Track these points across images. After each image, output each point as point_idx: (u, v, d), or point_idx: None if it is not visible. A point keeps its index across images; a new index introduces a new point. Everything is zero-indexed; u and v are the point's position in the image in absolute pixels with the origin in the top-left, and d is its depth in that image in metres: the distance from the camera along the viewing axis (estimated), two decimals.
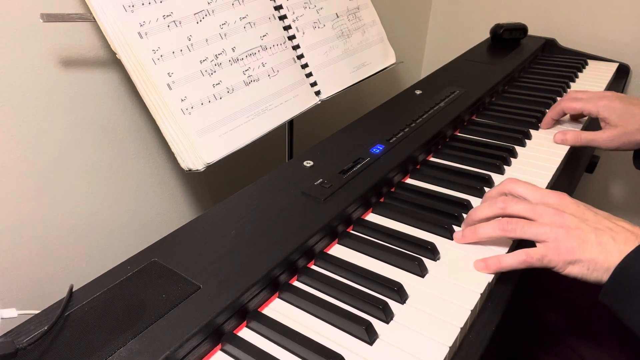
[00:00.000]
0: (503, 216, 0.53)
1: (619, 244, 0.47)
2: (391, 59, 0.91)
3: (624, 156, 1.25)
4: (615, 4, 1.15)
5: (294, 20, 0.75)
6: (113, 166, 0.72)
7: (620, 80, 1.11)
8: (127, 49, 0.57)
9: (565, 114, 0.81)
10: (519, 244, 0.55)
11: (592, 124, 0.87)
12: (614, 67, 1.11)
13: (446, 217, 0.59)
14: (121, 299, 0.44)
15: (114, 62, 0.68)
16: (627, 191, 1.30)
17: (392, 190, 0.65)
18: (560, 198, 0.53)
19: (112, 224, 0.75)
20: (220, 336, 0.44)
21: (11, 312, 0.41)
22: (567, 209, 0.51)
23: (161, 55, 0.59)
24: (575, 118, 0.84)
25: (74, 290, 0.45)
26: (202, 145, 0.61)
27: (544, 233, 0.50)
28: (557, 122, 0.82)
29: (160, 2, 0.60)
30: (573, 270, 0.49)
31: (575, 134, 0.76)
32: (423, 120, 0.76)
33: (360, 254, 0.54)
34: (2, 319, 0.40)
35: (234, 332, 0.45)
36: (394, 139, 0.70)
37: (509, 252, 0.53)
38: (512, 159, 0.73)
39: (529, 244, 0.52)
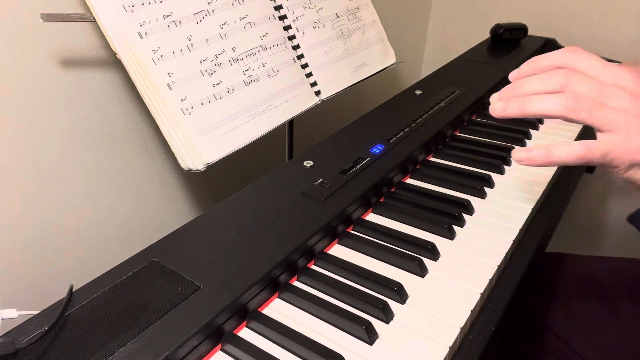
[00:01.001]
0: None
1: None
2: (391, 59, 0.91)
3: None
4: (615, 4, 1.15)
5: (294, 20, 0.75)
6: (113, 166, 0.72)
7: None
8: (127, 49, 0.57)
9: None
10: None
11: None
12: None
13: (446, 217, 0.59)
14: (121, 299, 0.44)
15: (114, 62, 0.68)
16: (627, 191, 1.30)
17: (392, 190, 0.65)
18: (639, 80, 0.42)
19: (112, 223, 0.75)
20: (220, 336, 0.44)
21: (11, 313, 0.41)
22: None
23: (161, 55, 0.59)
24: None
25: (74, 290, 0.45)
26: (202, 145, 0.61)
27: (615, 120, 0.40)
28: None
29: (160, 2, 0.60)
30: (636, 175, 0.41)
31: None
32: (423, 120, 0.76)
33: (360, 254, 0.54)
34: (2, 319, 0.40)
35: (234, 332, 0.45)
36: (394, 139, 0.70)
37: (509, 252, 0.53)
38: (512, 159, 0.73)
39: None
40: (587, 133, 0.85)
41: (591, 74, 0.42)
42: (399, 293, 0.48)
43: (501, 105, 0.43)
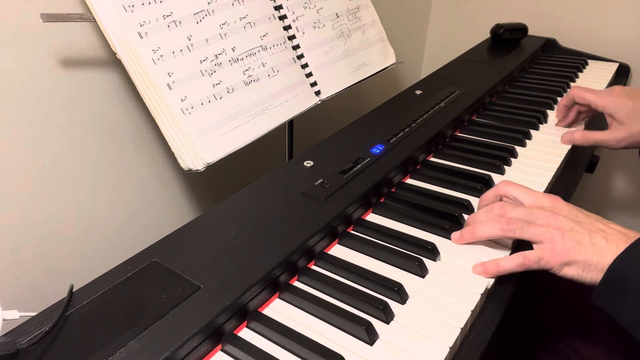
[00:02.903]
0: None
1: (612, 245, 0.48)
2: (391, 59, 0.91)
3: (624, 156, 1.25)
4: (615, 4, 1.15)
5: (294, 20, 0.75)
6: (113, 166, 0.72)
7: (620, 80, 1.10)
8: (127, 49, 0.57)
9: (575, 103, 0.80)
10: (517, 247, 0.55)
11: (593, 122, 0.87)
12: (614, 67, 1.11)
13: (446, 217, 0.59)
14: (121, 299, 0.44)
15: (114, 62, 0.68)
16: (627, 191, 1.30)
17: (393, 190, 0.65)
18: (554, 201, 0.54)
19: (112, 224, 0.75)
20: (220, 336, 0.44)
21: (13, 314, 0.41)
22: (560, 211, 0.52)
23: (161, 55, 0.59)
24: (579, 117, 0.83)
25: (74, 290, 0.45)
26: (202, 145, 0.61)
27: (541, 234, 0.50)
28: (569, 109, 0.81)
29: (160, 2, 0.60)
30: (569, 272, 0.49)
31: (583, 134, 0.75)
32: (423, 120, 0.76)
33: (360, 254, 0.54)
34: (3, 320, 0.40)
35: (234, 332, 0.45)
36: (394, 139, 0.70)
37: (511, 253, 0.53)
38: (512, 159, 0.73)
39: (528, 247, 0.52)
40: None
41: (520, 200, 0.55)
42: (399, 293, 0.48)
43: (458, 236, 0.55)
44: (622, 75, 1.13)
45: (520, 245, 0.55)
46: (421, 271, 0.51)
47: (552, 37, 1.21)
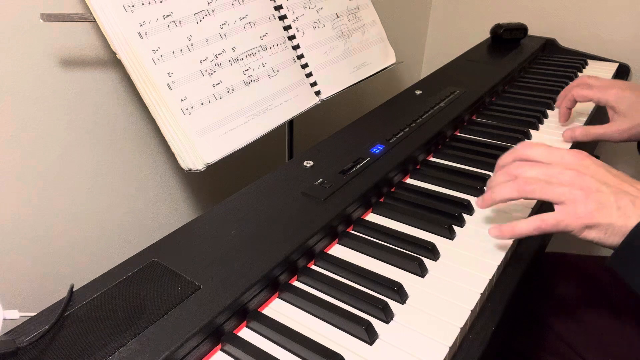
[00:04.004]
0: None
1: (638, 208, 0.45)
2: (391, 59, 0.91)
3: (624, 155, 1.25)
4: (615, 4, 1.15)
5: (294, 20, 0.75)
6: (113, 166, 0.72)
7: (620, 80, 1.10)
8: (127, 49, 0.57)
9: (576, 102, 0.80)
10: (518, 244, 0.55)
11: (597, 114, 0.87)
12: (614, 67, 1.11)
13: (446, 217, 0.59)
14: (121, 299, 0.44)
15: (114, 62, 0.68)
16: None
17: (392, 190, 0.65)
18: (580, 158, 0.50)
19: (112, 224, 0.75)
20: (220, 336, 0.44)
21: (13, 314, 0.41)
22: (587, 170, 0.49)
23: (161, 55, 0.59)
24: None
25: (74, 290, 0.45)
26: (202, 145, 0.61)
27: (562, 194, 0.47)
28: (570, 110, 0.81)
29: (160, 2, 0.60)
30: (590, 234, 0.47)
31: (585, 130, 0.75)
32: (423, 120, 0.76)
33: (360, 254, 0.54)
34: (4, 319, 0.40)
35: (234, 332, 0.45)
36: (394, 139, 0.70)
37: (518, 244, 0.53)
38: None
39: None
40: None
41: (540, 160, 0.51)
42: (399, 293, 0.48)
43: (480, 201, 0.54)
44: (622, 75, 1.13)
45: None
46: (421, 271, 0.51)
47: (552, 37, 1.21)
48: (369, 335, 0.43)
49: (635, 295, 0.45)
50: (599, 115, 0.87)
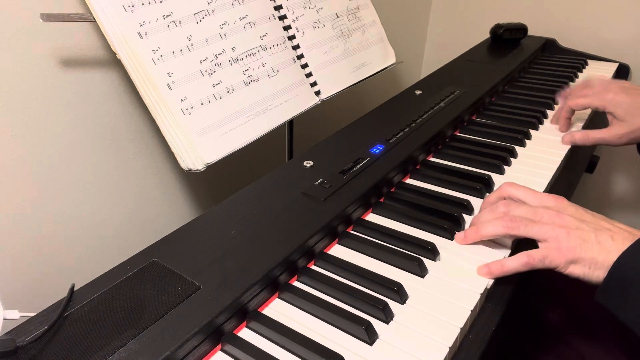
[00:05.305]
0: None
1: (618, 243, 0.48)
2: (391, 59, 0.91)
3: (624, 156, 1.25)
4: (615, 4, 1.15)
5: (294, 20, 0.75)
6: (113, 166, 0.72)
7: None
8: (127, 49, 0.57)
9: (574, 111, 0.80)
10: (517, 247, 0.55)
11: (597, 114, 0.87)
12: (614, 67, 1.11)
13: (446, 217, 0.59)
14: (121, 299, 0.44)
15: (114, 62, 0.68)
16: (627, 191, 1.30)
17: (392, 190, 0.65)
18: (559, 201, 0.54)
19: (112, 223, 0.75)
20: (220, 336, 0.44)
21: (13, 314, 0.41)
22: (565, 210, 0.52)
23: (161, 55, 0.59)
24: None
25: (74, 290, 0.45)
26: (202, 145, 0.61)
27: (546, 232, 0.50)
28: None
29: (160, 2, 0.60)
30: (575, 270, 0.49)
31: (584, 134, 0.76)
32: (423, 120, 0.76)
33: (360, 254, 0.54)
34: (4, 319, 0.40)
35: (234, 332, 0.45)
36: (394, 139, 0.70)
37: (511, 254, 0.53)
38: (512, 159, 0.73)
39: (528, 247, 0.52)
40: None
41: (524, 201, 0.55)
42: (399, 293, 0.48)
43: (462, 236, 0.56)
44: (622, 75, 1.13)
45: (520, 244, 0.55)
46: (421, 271, 0.51)
47: (552, 37, 1.21)
48: (369, 336, 0.43)
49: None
50: (599, 115, 0.87)
